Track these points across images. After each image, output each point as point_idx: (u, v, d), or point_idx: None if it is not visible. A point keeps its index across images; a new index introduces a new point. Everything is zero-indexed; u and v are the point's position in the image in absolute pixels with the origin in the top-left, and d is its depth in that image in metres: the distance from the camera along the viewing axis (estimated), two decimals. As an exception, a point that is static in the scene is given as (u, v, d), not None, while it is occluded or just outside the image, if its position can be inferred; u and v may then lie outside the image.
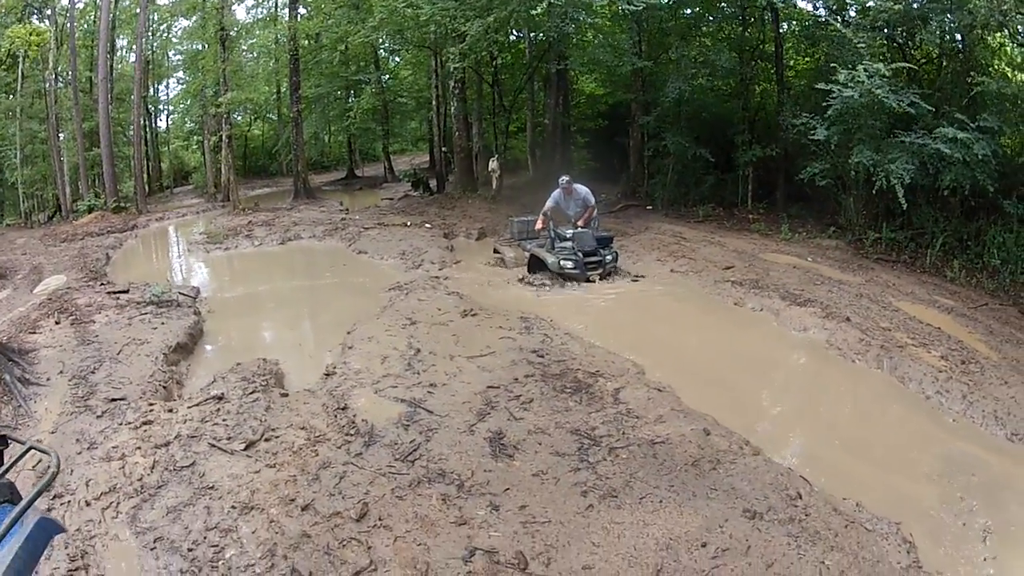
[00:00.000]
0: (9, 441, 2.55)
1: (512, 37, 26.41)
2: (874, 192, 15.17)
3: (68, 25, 26.77)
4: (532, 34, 24.83)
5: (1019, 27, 15.06)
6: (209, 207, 25.73)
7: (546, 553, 4.80)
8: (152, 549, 4.74)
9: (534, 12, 17.22)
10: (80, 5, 27.84)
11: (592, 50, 23.55)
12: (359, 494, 5.37)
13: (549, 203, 14.21)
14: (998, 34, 16.50)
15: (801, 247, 16.41)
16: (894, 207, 14.83)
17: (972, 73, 15.29)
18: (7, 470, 2.32)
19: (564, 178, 14.45)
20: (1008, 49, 17.37)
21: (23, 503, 1.98)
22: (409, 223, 19.35)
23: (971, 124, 13.59)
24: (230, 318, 11.18)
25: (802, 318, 11.10)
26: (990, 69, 16.96)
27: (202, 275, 14.96)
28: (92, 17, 29.78)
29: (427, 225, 19.08)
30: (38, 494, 2.04)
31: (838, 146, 15.96)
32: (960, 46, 16.76)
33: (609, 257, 13.49)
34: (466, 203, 22.70)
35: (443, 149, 28.09)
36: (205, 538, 4.81)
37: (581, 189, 14.45)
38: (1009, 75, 17.21)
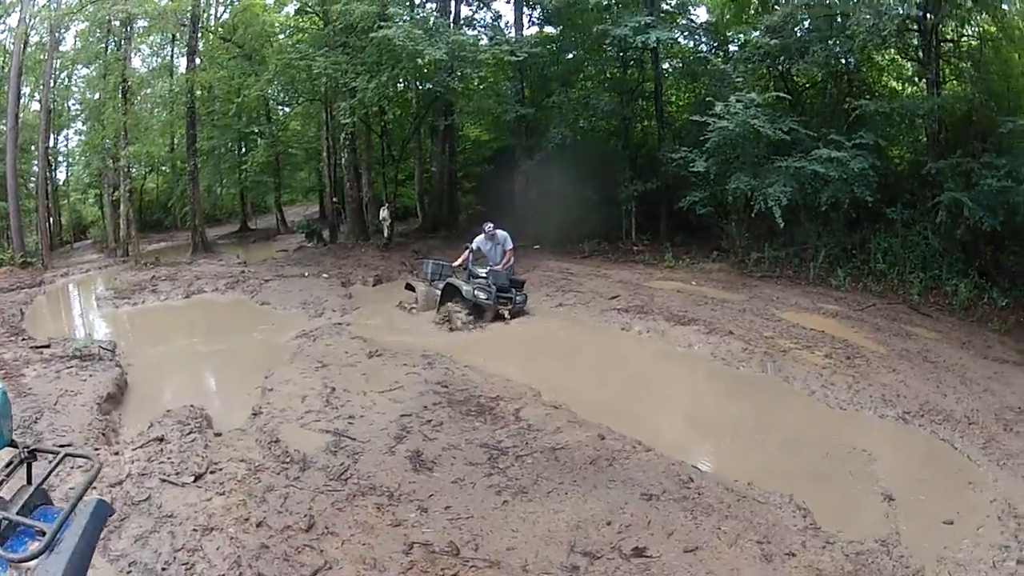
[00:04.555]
0: (38, 454, 2.53)
1: (400, 86, 27.06)
2: (753, 215, 16.17)
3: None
4: (419, 85, 25.53)
5: (913, 41, 16.23)
6: (111, 262, 25.16)
7: (473, 541, 5.52)
8: (128, 573, 5.11)
9: (420, 62, 17.95)
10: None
11: (478, 99, 24.40)
12: (304, 509, 5.94)
13: (473, 244, 14.98)
14: (887, 52, 17.70)
15: (685, 272, 17.34)
16: (775, 227, 15.77)
17: (848, 99, 16.57)
18: (47, 476, 2.38)
19: (488, 225, 15.25)
20: (898, 64, 18.67)
21: (77, 494, 2.15)
22: (307, 273, 19.71)
23: (847, 143, 14.69)
24: (150, 370, 11.34)
25: (687, 335, 12.00)
26: (877, 87, 18.32)
27: (115, 329, 15.01)
28: (1, 62, 28.71)
29: (324, 275, 19.46)
30: (88, 486, 2.26)
31: (717, 175, 16.84)
32: (848, 67, 17.93)
33: (519, 298, 14.18)
34: (360, 252, 23.15)
35: (334, 200, 28.44)
36: (175, 558, 5.24)
37: (501, 234, 15.22)
38: (898, 89, 18.60)
